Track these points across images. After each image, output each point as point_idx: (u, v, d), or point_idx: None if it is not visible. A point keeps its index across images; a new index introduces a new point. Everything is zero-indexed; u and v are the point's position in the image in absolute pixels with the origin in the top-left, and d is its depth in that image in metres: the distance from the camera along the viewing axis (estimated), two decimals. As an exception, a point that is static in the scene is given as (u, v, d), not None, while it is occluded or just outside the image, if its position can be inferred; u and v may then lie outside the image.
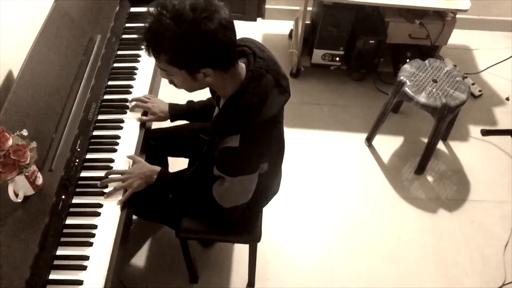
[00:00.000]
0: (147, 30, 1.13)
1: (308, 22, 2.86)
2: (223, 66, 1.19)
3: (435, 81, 2.23)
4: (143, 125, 1.64)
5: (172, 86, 1.29)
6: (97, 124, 1.59)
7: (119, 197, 1.42)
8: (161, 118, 1.67)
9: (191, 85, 1.25)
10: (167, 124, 1.89)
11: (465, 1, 2.36)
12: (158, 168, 1.50)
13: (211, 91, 1.48)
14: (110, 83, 1.72)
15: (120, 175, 1.45)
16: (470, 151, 2.56)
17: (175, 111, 1.68)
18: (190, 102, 1.71)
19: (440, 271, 2.11)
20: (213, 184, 1.44)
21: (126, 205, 1.42)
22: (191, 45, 1.11)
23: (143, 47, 1.16)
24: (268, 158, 1.38)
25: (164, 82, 1.86)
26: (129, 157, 1.51)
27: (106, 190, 1.43)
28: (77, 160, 1.46)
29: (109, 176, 1.45)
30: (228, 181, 1.34)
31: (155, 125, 1.81)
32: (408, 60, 2.39)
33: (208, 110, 1.66)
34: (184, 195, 1.56)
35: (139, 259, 2.07)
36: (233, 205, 1.44)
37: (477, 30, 3.18)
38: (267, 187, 1.59)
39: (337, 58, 2.70)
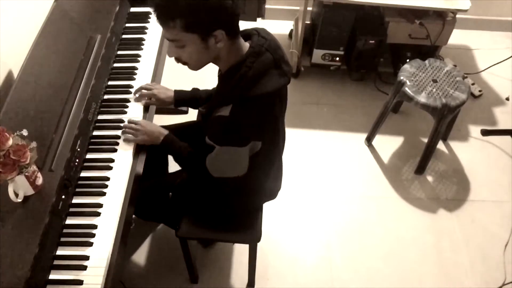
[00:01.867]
0: None
1: (308, 22, 2.86)
2: (232, 30, 1.24)
3: (435, 81, 2.23)
4: (146, 109, 1.65)
5: (173, 84, 1.30)
6: (97, 124, 1.59)
7: (131, 148, 1.52)
8: (165, 102, 1.69)
9: (201, 55, 1.28)
10: (168, 123, 1.89)
11: (465, 1, 2.36)
12: (165, 132, 1.54)
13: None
14: (110, 83, 1.72)
15: (133, 125, 1.54)
16: (470, 151, 2.56)
17: (179, 95, 1.70)
18: (195, 89, 1.72)
19: (440, 271, 2.11)
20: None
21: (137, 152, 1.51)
22: (207, 1, 1.15)
23: (156, 17, 1.20)
24: (260, 137, 1.38)
25: (165, 81, 1.87)
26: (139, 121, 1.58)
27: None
28: (77, 160, 1.46)
29: (125, 123, 1.56)
30: (216, 149, 1.35)
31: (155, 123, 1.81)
32: (408, 60, 2.39)
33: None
34: (183, 163, 1.57)
35: (139, 259, 2.07)
36: (221, 176, 1.44)
37: (477, 30, 3.18)
38: (264, 181, 1.59)
39: (337, 58, 2.70)
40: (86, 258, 1.28)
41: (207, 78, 1.73)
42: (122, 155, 1.52)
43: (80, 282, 1.24)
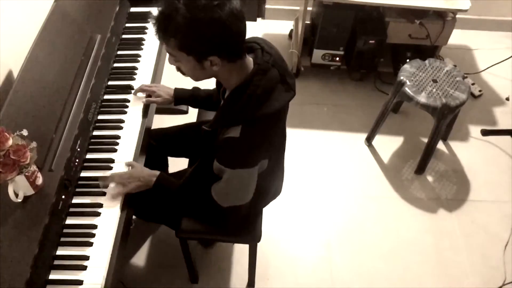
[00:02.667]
0: (159, 13, 1.16)
1: (308, 22, 2.86)
2: (230, 56, 1.21)
3: (435, 81, 2.23)
4: (145, 113, 1.65)
5: (173, 84, 1.29)
6: (97, 124, 1.59)
7: (118, 199, 1.42)
8: (165, 100, 1.69)
9: (197, 73, 1.27)
10: (168, 123, 1.90)
11: (465, 1, 2.36)
12: (157, 172, 1.49)
13: (217, 84, 1.48)
14: (110, 83, 1.72)
15: (119, 176, 1.45)
16: (470, 151, 2.56)
17: (179, 94, 1.70)
18: (195, 88, 1.72)
19: (440, 271, 2.11)
20: (212, 184, 1.43)
21: (125, 207, 1.42)
22: (201, 31, 1.13)
23: (154, 30, 1.19)
24: (268, 155, 1.37)
25: (165, 81, 1.87)
26: (128, 163, 1.50)
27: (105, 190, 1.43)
28: (77, 160, 1.46)
29: (109, 175, 1.45)
30: (227, 174, 1.33)
31: (156, 125, 1.81)
32: (408, 60, 2.39)
33: (212, 99, 1.67)
34: (183, 199, 1.56)
35: (139, 259, 2.07)
36: (231, 204, 1.42)
37: (477, 30, 3.18)
38: (267, 186, 1.59)
39: (337, 58, 2.70)
40: (86, 258, 1.28)
41: (207, 79, 1.73)
42: (122, 155, 1.52)
43: (80, 282, 1.24)
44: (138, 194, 1.49)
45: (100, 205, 1.39)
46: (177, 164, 1.94)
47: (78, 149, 1.47)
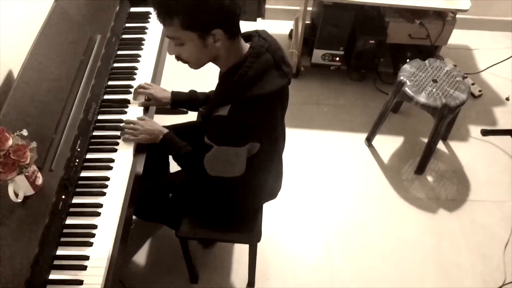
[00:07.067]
0: None
1: (308, 22, 2.86)
2: (231, 29, 1.25)
3: (435, 81, 2.23)
4: (146, 110, 1.66)
5: (173, 84, 1.30)
6: (97, 124, 1.59)
7: (131, 148, 1.52)
8: (162, 103, 1.69)
9: (200, 54, 1.28)
10: (168, 123, 1.89)
11: (465, 1, 2.36)
12: (165, 131, 1.55)
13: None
14: (110, 83, 1.72)
15: (132, 124, 1.55)
16: (470, 151, 2.56)
17: (176, 97, 1.70)
18: (192, 91, 1.73)
19: (440, 271, 2.11)
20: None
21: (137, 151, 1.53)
22: (202, 1, 1.16)
23: (156, 16, 1.21)
24: (258, 138, 1.37)
25: (165, 81, 1.87)
26: (140, 117, 1.59)
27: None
28: (77, 160, 1.46)
29: (124, 124, 1.57)
30: (214, 149, 1.36)
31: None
32: (408, 60, 2.39)
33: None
34: (181, 162, 1.57)
35: (139, 259, 2.07)
36: (217, 175, 1.44)
37: (477, 30, 3.18)
38: (260, 184, 1.59)
39: (337, 58, 2.70)
40: (86, 258, 1.28)
41: (206, 79, 1.73)
42: (122, 155, 1.52)
43: (80, 282, 1.24)
44: (138, 194, 1.50)
45: (100, 205, 1.39)
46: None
47: (78, 149, 1.47)
